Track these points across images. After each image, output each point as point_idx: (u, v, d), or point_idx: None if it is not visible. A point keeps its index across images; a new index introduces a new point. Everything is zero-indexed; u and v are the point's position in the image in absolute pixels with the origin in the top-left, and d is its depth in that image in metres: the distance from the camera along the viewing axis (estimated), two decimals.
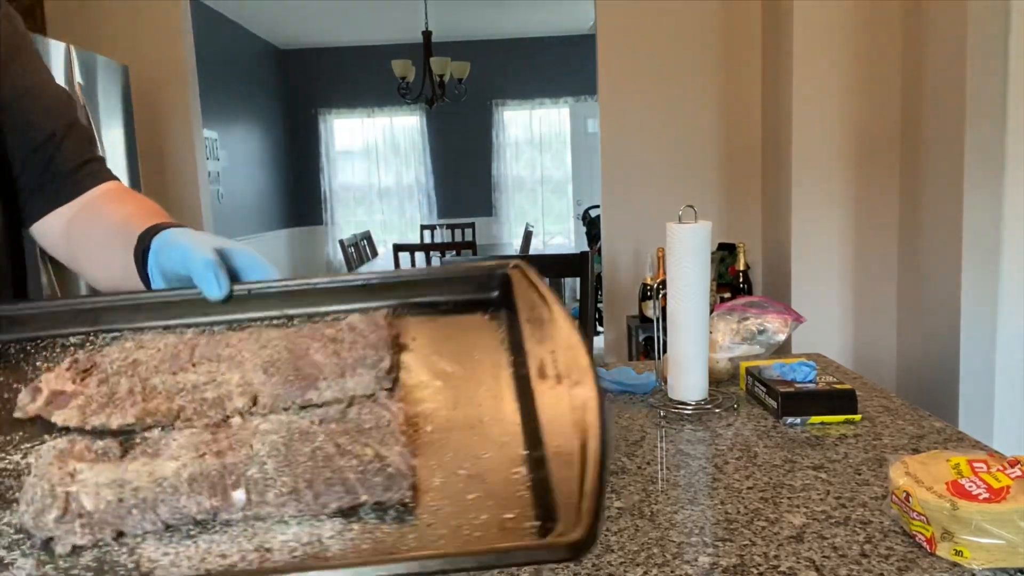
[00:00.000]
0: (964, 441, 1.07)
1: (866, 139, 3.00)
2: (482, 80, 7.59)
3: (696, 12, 3.35)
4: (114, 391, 0.53)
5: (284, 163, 7.68)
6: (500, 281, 0.66)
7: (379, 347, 0.57)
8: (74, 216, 0.87)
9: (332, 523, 0.43)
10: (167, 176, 3.55)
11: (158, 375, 0.55)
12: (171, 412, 0.52)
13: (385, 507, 0.44)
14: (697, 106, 3.41)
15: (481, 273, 0.67)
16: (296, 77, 7.73)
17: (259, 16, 6.41)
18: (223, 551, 0.41)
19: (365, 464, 0.44)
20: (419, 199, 7.93)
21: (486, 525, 0.42)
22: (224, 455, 0.45)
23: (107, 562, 0.41)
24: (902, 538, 0.78)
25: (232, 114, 6.35)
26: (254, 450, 0.45)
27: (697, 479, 0.97)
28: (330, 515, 0.43)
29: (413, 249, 4.32)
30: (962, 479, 0.75)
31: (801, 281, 3.08)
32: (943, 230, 2.63)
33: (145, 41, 3.44)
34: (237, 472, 0.44)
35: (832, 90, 2.98)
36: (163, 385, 0.54)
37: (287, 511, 0.43)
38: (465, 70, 5.74)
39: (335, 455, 0.45)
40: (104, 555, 0.42)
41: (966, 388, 2.55)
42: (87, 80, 2.63)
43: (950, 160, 2.56)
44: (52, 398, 0.54)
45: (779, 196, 3.21)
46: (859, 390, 1.34)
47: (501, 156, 7.84)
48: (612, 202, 3.48)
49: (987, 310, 2.51)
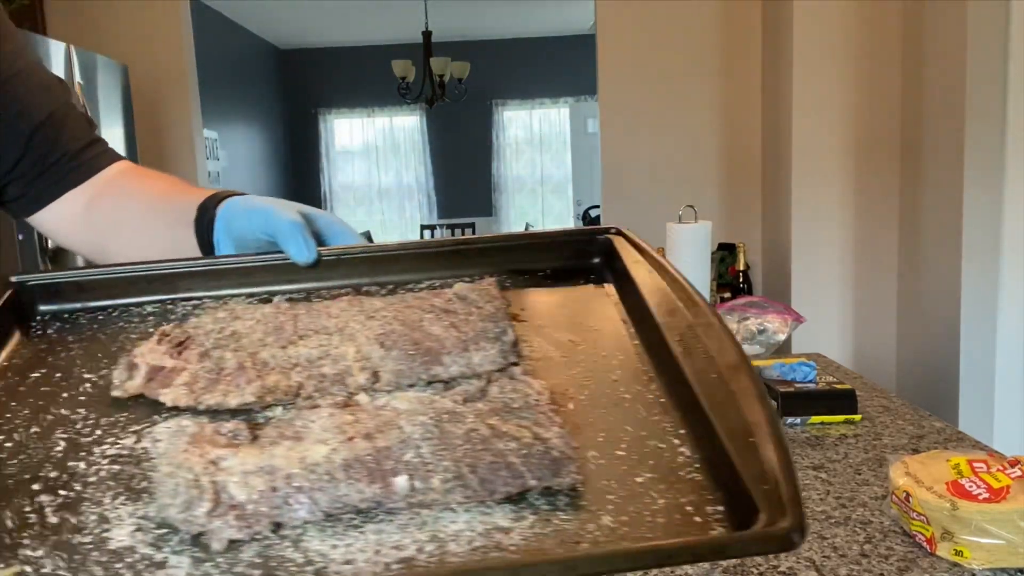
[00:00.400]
0: (964, 441, 1.07)
1: (866, 139, 3.00)
2: (482, 80, 7.59)
3: (696, 12, 3.35)
4: (221, 366, 0.49)
5: (284, 163, 7.68)
6: (602, 247, 0.64)
7: (498, 318, 0.54)
8: (93, 199, 0.81)
9: (502, 510, 0.40)
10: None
11: (266, 348, 0.51)
12: (291, 389, 0.48)
13: (553, 491, 0.41)
14: (697, 106, 3.41)
15: (582, 238, 0.65)
16: (296, 77, 7.73)
17: (259, 16, 6.41)
18: (396, 542, 0.38)
19: (527, 447, 0.41)
20: (419, 199, 7.93)
21: (666, 511, 0.39)
22: (374, 438, 0.41)
23: (272, 557, 0.37)
24: (902, 538, 0.78)
25: (232, 114, 6.35)
26: (405, 432, 0.42)
27: None
28: (497, 502, 0.40)
29: None
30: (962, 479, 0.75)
31: (801, 281, 3.08)
32: (943, 230, 2.63)
33: (145, 41, 3.44)
34: (393, 457, 0.40)
35: (832, 90, 2.98)
36: (274, 360, 0.50)
37: (453, 498, 0.39)
38: (465, 70, 5.74)
39: (491, 437, 0.41)
40: (266, 550, 0.38)
41: (966, 388, 2.55)
42: (87, 80, 2.63)
43: (950, 160, 2.56)
44: (152, 374, 0.50)
45: (779, 196, 3.21)
46: (859, 390, 1.33)
47: (501, 156, 7.84)
48: (612, 202, 3.48)
49: (987, 310, 2.51)
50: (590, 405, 0.49)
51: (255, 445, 0.42)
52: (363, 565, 0.36)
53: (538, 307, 0.60)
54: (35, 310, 0.60)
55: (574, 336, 0.56)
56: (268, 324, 0.54)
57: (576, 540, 0.38)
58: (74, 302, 0.61)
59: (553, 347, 0.55)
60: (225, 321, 0.54)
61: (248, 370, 0.49)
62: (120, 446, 0.46)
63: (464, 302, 0.55)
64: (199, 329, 0.54)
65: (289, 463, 0.40)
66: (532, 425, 0.43)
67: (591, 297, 0.62)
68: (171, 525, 0.39)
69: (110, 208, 0.81)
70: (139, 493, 0.42)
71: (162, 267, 0.62)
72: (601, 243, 0.64)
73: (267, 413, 0.48)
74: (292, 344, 0.52)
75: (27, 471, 0.44)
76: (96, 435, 0.47)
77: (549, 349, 0.55)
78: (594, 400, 0.49)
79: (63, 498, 0.41)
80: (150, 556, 0.38)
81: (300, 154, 7.85)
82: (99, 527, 0.40)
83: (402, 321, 0.53)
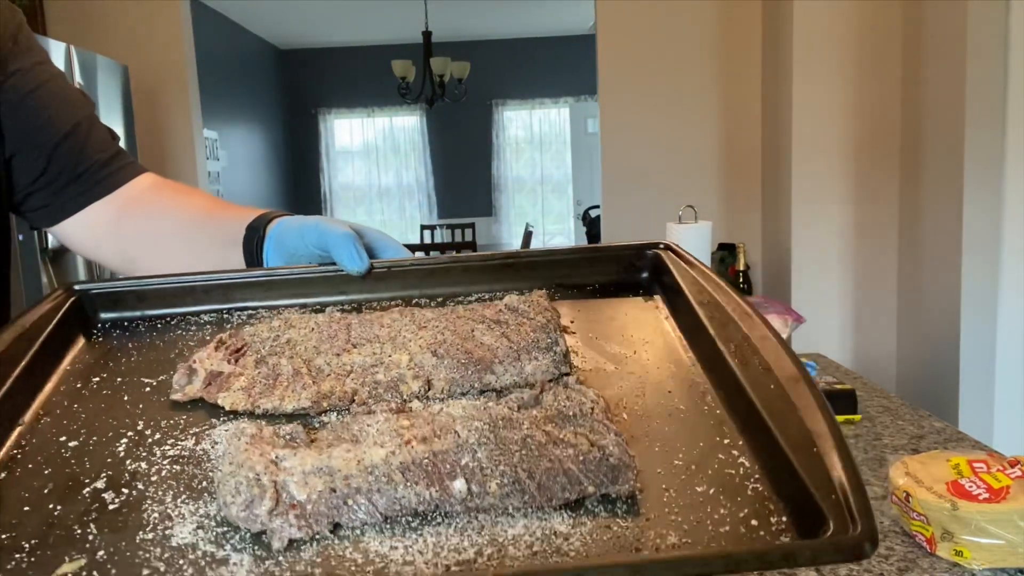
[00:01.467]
0: (964, 441, 1.07)
1: (866, 139, 3.00)
2: (482, 80, 7.58)
3: (696, 12, 3.35)
4: (277, 372, 0.51)
5: (284, 163, 7.68)
6: (651, 262, 0.65)
7: (549, 329, 0.54)
8: (122, 211, 0.82)
9: (560, 516, 0.40)
10: (167, 176, 3.52)
11: (320, 356, 0.52)
12: (345, 395, 0.49)
13: (612, 499, 0.41)
14: (697, 106, 3.41)
15: (630, 253, 0.66)
16: (296, 77, 7.72)
17: (259, 16, 6.41)
18: (455, 545, 0.38)
19: (584, 454, 0.41)
20: (419, 199, 7.93)
21: (728, 520, 0.39)
22: (431, 442, 0.42)
23: (332, 556, 0.38)
24: (902, 538, 0.78)
25: (232, 114, 6.35)
26: (461, 437, 0.42)
27: None
28: (556, 508, 0.40)
29: (413, 249, 4.33)
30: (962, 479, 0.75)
31: (801, 281, 3.08)
32: (943, 230, 2.63)
33: (145, 41, 3.44)
34: (450, 460, 0.41)
35: (832, 90, 2.98)
36: (329, 367, 0.51)
37: (511, 502, 0.40)
38: (465, 70, 5.74)
39: (547, 444, 0.42)
40: (326, 549, 0.38)
41: (966, 388, 2.54)
42: (87, 80, 2.63)
43: (950, 160, 2.56)
44: (210, 379, 0.51)
45: (779, 196, 3.21)
46: (859, 390, 1.33)
47: (501, 156, 7.84)
48: (612, 202, 3.48)
49: (987, 310, 2.51)
50: (645, 416, 0.49)
51: (313, 447, 0.43)
52: (423, 567, 0.37)
53: (588, 319, 0.61)
54: (96, 317, 0.63)
55: (625, 348, 0.56)
56: (322, 332, 0.55)
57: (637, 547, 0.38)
58: (133, 310, 0.63)
59: (605, 359, 0.55)
60: (280, 329, 0.56)
61: (304, 376, 0.50)
62: (180, 447, 0.47)
63: (515, 313, 0.56)
64: (255, 337, 0.55)
65: (347, 465, 0.40)
66: (588, 432, 0.43)
67: (641, 310, 0.62)
68: (232, 523, 0.39)
69: (143, 222, 0.83)
70: (200, 492, 0.43)
71: (219, 277, 0.65)
72: (650, 258, 0.65)
73: (322, 419, 0.49)
74: (346, 352, 0.53)
75: (90, 470, 0.45)
76: (156, 437, 0.48)
77: (601, 360, 0.55)
78: (648, 411, 0.49)
79: (126, 496, 0.43)
80: (212, 553, 0.38)
81: (300, 154, 7.84)
82: (161, 524, 0.40)
83: (453, 331, 0.54)
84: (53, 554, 0.38)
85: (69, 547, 0.39)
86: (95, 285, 0.64)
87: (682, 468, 0.43)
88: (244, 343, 0.55)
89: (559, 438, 0.42)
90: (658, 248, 0.65)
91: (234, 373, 0.52)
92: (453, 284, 0.65)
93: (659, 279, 0.64)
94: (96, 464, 0.46)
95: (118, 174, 0.83)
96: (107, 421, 0.50)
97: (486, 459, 0.41)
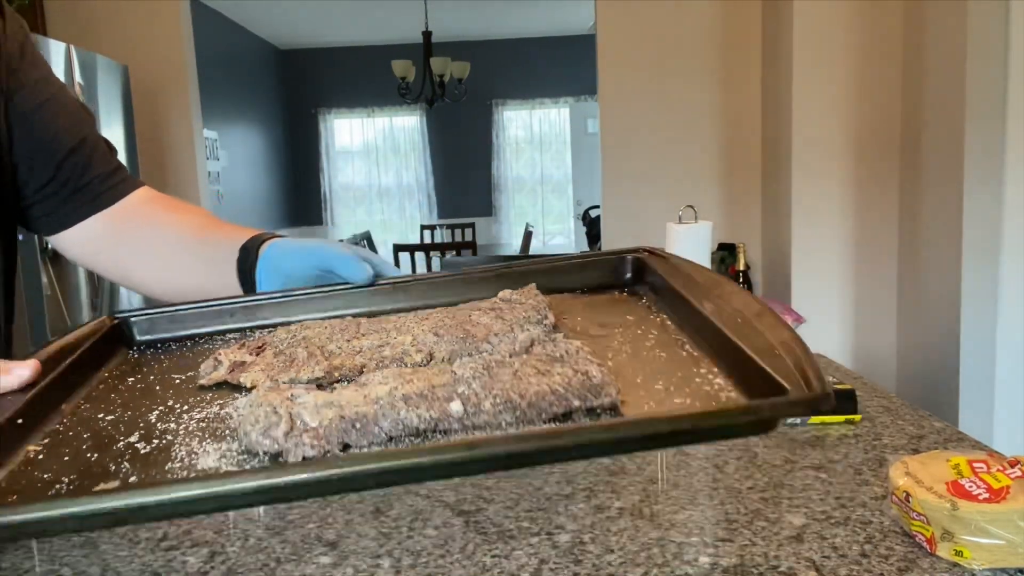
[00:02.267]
0: (964, 441, 1.07)
1: (866, 139, 3.00)
2: (482, 80, 7.59)
3: (696, 12, 3.35)
4: (293, 357, 0.57)
5: (284, 163, 7.68)
6: (633, 266, 0.73)
7: (539, 308, 0.61)
8: (118, 224, 0.86)
9: (549, 428, 0.44)
10: (167, 176, 3.55)
11: (332, 342, 0.59)
12: (355, 367, 0.55)
13: (597, 413, 0.46)
14: (697, 106, 3.41)
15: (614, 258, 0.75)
16: (296, 77, 7.72)
17: (259, 16, 6.41)
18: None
19: (569, 378, 0.46)
20: (419, 199, 7.93)
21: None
22: (430, 379, 0.47)
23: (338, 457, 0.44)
24: (902, 538, 0.78)
25: (232, 114, 6.35)
26: (457, 374, 0.47)
27: (697, 479, 0.97)
28: (545, 421, 0.45)
29: (413, 249, 4.32)
30: (962, 479, 0.75)
31: (801, 281, 3.08)
32: (943, 230, 2.63)
33: (145, 41, 3.44)
34: (447, 389, 0.46)
35: (832, 90, 2.98)
36: (339, 349, 0.58)
37: (504, 418, 0.44)
38: (465, 70, 5.74)
39: (536, 374, 0.47)
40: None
41: (966, 388, 2.55)
42: (87, 80, 2.63)
43: (950, 160, 2.56)
44: (233, 367, 0.58)
45: (779, 196, 3.21)
46: (859, 390, 1.33)
47: (501, 156, 7.84)
48: (612, 202, 3.48)
49: (987, 310, 2.51)
50: (628, 361, 0.54)
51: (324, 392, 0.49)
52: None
53: (576, 309, 0.68)
54: (134, 340, 0.71)
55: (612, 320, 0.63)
56: (334, 327, 0.62)
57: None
58: (166, 332, 0.72)
59: (593, 328, 0.62)
60: (297, 331, 0.63)
61: (316, 356, 0.57)
62: (206, 412, 0.53)
63: (508, 301, 0.64)
64: (275, 337, 0.63)
65: (355, 398, 0.46)
66: (573, 364, 0.48)
67: (624, 301, 0.70)
68: (252, 452, 0.44)
69: (138, 236, 0.87)
70: (223, 437, 0.49)
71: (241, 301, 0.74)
72: (632, 262, 0.73)
73: (334, 386, 0.54)
74: (356, 338, 0.59)
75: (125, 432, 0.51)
76: (184, 408, 0.54)
77: (589, 329, 0.62)
78: (631, 358, 0.55)
79: (156, 444, 0.49)
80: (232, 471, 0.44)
81: (300, 154, 7.84)
82: (188, 458, 0.46)
83: (452, 317, 0.61)
84: (90, 483, 0.44)
85: (105, 478, 0.45)
86: (132, 312, 0.73)
87: (662, 391, 0.49)
88: (264, 342, 0.62)
89: (547, 370, 0.47)
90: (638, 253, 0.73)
91: (255, 362, 0.58)
92: (453, 296, 0.72)
93: (641, 278, 0.71)
94: (130, 428, 0.52)
95: (118, 187, 0.87)
96: (141, 401, 0.56)
97: (480, 387, 0.46)
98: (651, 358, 0.54)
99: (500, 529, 0.85)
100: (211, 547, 0.84)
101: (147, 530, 0.89)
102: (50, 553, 0.85)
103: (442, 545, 0.82)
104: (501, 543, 0.81)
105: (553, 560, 0.77)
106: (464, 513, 0.90)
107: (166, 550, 0.84)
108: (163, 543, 0.86)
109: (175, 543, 0.86)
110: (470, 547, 0.81)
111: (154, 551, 0.84)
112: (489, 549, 0.80)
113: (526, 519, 0.87)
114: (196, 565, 0.80)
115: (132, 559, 0.82)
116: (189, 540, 0.86)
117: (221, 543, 0.85)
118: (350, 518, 0.90)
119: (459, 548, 0.81)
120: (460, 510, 0.91)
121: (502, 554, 0.79)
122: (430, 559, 0.79)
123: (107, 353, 0.66)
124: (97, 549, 0.85)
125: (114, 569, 0.80)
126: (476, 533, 0.84)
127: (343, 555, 0.80)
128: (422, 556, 0.79)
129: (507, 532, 0.84)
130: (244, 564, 0.79)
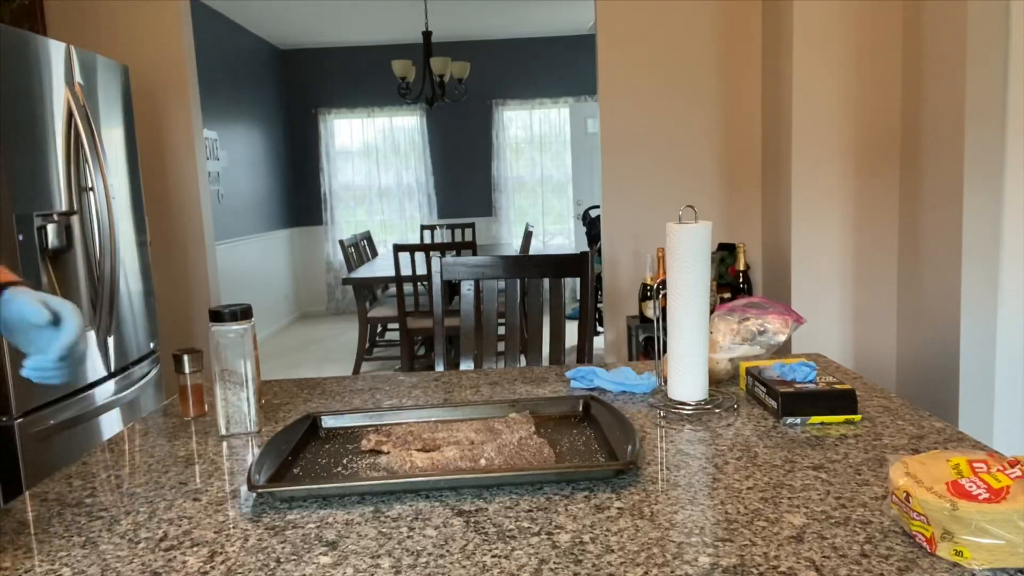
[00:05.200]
0: (964, 441, 1.07)
1: (866, 139, 3.00)
2: (482, 80, 7.59)
3: (696, 12, 3.35)
4: (405, 440, 1.15)
5: (284, 163, 7.68)
6: (583, 403, 1.30)
7: (527, 424, 1.20)
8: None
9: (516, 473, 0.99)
10: (167, 176, 3.55)
11: (425, 434, 1.18)
12: (435, 443, 1.13)
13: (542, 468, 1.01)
14: (697, 106, 3.41)
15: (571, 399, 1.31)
16: (296, 77, 7.72)
17: (259, 16, 6.41)
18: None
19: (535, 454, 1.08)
20: (419, 199, 7.92)
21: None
22: (473, 451, 1.07)
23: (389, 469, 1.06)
24: (902, 538, 0.78)
25: (232, 114, 6.35)
26: (485, 450, 1.07)
27: (697, 479, 0.97)
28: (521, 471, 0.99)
29: (413, 249, 4.32)
30: (962, 479, 0.75)
31: (801, 281, 3.09)
32: (943, 230, 2.63)
33: (145, 41, 3.45)
34: (479, 453, 1.06)
35: (832, 90, 2.98)
36: (429, 436, 1.16)
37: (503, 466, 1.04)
38: (465, 70, 5.73)
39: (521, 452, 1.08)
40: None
41: (966, 388, 2.55)
42: (87, 80, 2.63)
43: (950, 161, 2.56)
44: (375, 443, 1.15)
45: (779, 196, 3.21)
46: (859, 390, 1.33)
47: (501, 156, 7.84)
48: (612, 202, 3.48)
49: (987, 310, 2.51)
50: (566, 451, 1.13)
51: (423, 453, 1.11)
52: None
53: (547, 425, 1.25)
54: (321, 428, 1.29)
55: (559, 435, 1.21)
56: (423, 426, 1.23)
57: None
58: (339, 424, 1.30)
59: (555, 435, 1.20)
60: (404, 429, 1.22)
61: (417, 439, 1.16)
62: (369, 461, 1.12)
63: (513, 419, 1.22)
64: (392, 431, 1.21)
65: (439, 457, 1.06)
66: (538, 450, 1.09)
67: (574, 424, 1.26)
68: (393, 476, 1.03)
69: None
70: (379, 469, 1.08)
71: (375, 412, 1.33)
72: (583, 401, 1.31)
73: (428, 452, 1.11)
74: (435, 432, 1.19)
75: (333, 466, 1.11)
76: (359, 458, 1.14)
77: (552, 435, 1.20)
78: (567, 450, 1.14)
79: (352, 470, 1.09)
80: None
81: (300, 154, 7.84)
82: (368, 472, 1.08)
83: (484, 423, 1.21)
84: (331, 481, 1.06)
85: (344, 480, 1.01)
86: (323, 413, 1.30)
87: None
88: (387, 433, 1.20)
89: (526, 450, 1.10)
90: (586, 399, 1.31)
91: (386, 440, 1.16)
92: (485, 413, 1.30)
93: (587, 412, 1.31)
94: (335, 465, 1.12)
95: None
96: (340, 455, 1.16)
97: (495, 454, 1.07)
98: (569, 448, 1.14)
99: (500, 529, 0.85)
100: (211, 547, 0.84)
101: (147, 530, 0.89)
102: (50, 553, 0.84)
103: (442, 545, 0.82)
104: (501, 543, 0.81)
105: (553, 560, 0.77)
106: (464, 513, 0.90)
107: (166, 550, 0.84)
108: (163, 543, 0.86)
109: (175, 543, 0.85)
110: (470, 547, 0.81)
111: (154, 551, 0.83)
112: (489, 549, 0.80)
113: (526, 519, 0.87)
114: (196, 565, 0.80)
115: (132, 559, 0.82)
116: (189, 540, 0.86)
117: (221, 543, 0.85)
118: (350, 518, 0.90)
119: (459, 548, 0.81)
120: (460, 510, 0.91)
121: (502, 554, 0.79)
122: (430, 559, 0.79)
123: (310, 435, 1.23)
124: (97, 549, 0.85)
125: (114, 569, 0.80)
126: (476, 533, 0.84)
127: (343, 555, 0.80)
128: (422, 556, 0.79)
129: (507, 532, 0.84)
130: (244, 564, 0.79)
